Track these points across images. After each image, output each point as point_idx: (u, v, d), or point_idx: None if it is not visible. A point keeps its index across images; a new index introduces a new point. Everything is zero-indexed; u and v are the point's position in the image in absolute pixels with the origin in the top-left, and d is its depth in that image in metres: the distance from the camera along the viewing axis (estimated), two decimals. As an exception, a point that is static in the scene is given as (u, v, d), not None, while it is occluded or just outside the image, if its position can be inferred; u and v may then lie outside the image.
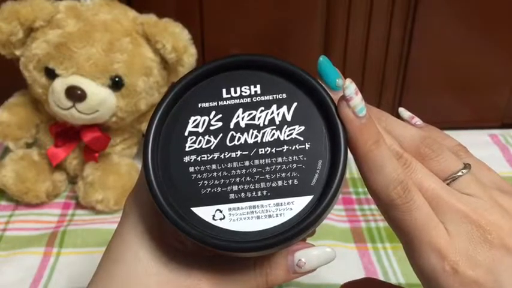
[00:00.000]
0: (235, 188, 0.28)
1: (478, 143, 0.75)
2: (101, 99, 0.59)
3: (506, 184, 0.32)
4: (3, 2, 0.61)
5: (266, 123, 0.29)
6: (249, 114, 0.29)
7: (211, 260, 0.31)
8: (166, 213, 0.28)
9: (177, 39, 0.61)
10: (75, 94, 0.58)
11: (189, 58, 0.62)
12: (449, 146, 0.33)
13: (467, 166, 0.31)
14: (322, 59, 0.31)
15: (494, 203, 0.30)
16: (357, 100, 0.28)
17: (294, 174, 0.28)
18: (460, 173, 0.31)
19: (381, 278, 0.54)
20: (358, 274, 0.54)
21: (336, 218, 0.62)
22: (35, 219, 0.63)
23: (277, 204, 0.28)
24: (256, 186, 0.28)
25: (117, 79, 0.60)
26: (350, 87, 0.28)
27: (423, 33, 0.73)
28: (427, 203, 0.29)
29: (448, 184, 0.30)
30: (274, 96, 0.29)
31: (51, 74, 0.60)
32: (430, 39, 0.74)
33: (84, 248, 0.58)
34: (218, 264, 0.31)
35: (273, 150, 0.28)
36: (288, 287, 0.53)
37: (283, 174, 0.28)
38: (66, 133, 0.64)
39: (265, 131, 0.29)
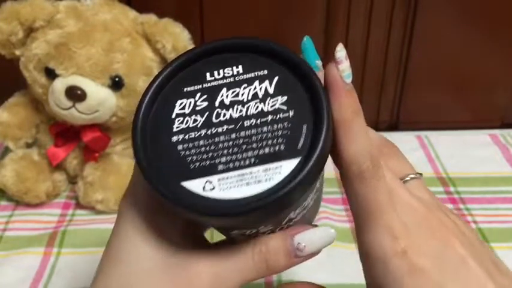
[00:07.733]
0: (223, 159, 0.28)
1: (478, 143, 0.75)
2: (100, 99, 0.59)
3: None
4: (3, 2, 0.61)
5: (250, 98, 0.29)
6: (233, 92, 0.30)
7: (211, 252, 0.32)
8: (157, 188, 0.28)
9: (177, 39, 0.61)
10: (75, 94, 0.58)
11: (189, 58, 0.62)
12: None
13: (419, 173, 0.33)
14: (306, 39, 0.32)
15: (440, 207, 0.32)
16: (346, 65, 0.29)
17: (280, 140, 0.28)
18: (413, 175, 0.33)
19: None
20: (358, 274, 0.54)
21: (336, 218, 0.62)
22: (35, 219, 0.63)
23: (266, 170, 0.28)
24: (244, 156, 0.28)
25: (117, 79, 0.60)
26: (341, 52, 0.29)
27: (423, 34, 0.73)
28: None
29: None
30: (256, 73, 0.30)
31: (51, 74, 0.60)
32: (430, 40, 0.74)
33: (84, 248, 0.58)
34: (218, 257, 0.31)
35: (258, 122, 0.29)
36: (288, 287, 0.53)
37: (270, 141, 0.28)
38: (66, 133, 0.64)
39: (249, 105, 0.29)
